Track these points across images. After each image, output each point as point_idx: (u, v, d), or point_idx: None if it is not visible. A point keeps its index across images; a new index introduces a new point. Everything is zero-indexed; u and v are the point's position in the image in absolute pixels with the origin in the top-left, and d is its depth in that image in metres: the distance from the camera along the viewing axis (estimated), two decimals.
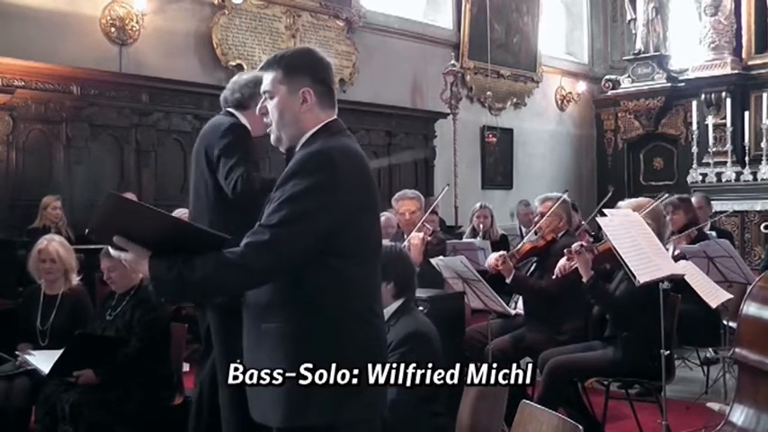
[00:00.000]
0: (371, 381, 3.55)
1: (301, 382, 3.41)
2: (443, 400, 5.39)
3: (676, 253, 8.80)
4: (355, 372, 3.47)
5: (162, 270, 3.33)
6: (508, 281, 7.99)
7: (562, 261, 7.50)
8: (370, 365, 3.55)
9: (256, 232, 3.39)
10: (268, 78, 3.68)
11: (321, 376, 3.42)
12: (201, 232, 3.41)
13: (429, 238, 8.63)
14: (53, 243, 7.51)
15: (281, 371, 3.44)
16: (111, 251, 3.49)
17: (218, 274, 3.34)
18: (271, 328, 3.49)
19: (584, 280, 7.17)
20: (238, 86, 5.88)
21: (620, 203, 7.87)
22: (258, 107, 3.73)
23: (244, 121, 5.75)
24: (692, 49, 20.10)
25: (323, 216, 3.40)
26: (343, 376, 3.44)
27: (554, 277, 7.59)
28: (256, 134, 5.77)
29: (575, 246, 7.28)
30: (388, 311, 5.12)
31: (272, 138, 3.73)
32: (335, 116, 3.72)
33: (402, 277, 5.41)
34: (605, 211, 7.61)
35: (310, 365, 3.41)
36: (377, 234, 3.75)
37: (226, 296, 3.95)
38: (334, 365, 3.43)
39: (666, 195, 9.55)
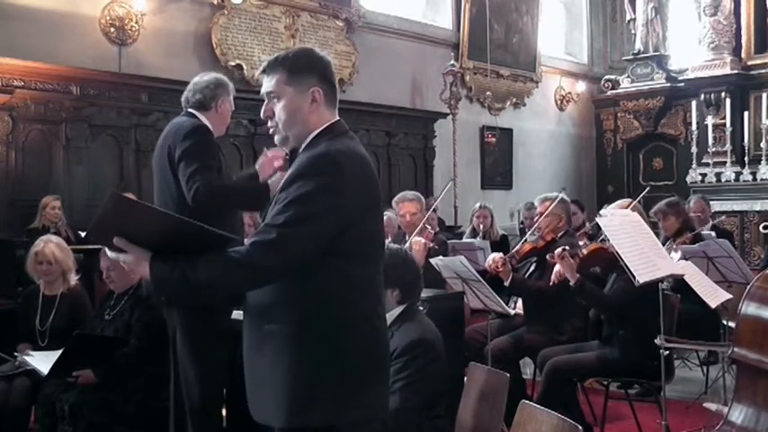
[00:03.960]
0: (373, 381, 3.58)
1: (303, 382, 3.43)
2: (445, 403, 5.38)
3: (677, 256, 8.78)
4: (357, 372, 3.50)
5: (164, 271, 3.32)
6: (506, 284, 7.99)
7: (557, 268, 7.51)
8: (372, 366, 3.58)
9: (262, 231, 3.39)
10: (272, 80, 3.68)
11: (323, 377, 3.43)
12: (205, 232, 3.38)
13: (431, 244, 8.63)
14: (50, 245, 7.51)
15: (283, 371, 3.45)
16: (110, 253, 3.47)
17: (222, 274, 3.33)
18: (273, 329, 3.49)
19: (572, 283, 7.19)
20: (199, 88, 5.87)
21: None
22: (263, 110, 3.72)
23: (204, 120, 5.76)
24: (692, 49, 20.08)
25: (327, 218, 3.40)
26: (346, 377, 3.47)
27: (551, 284, 7.61)
28: (217, 134, 5.80)
29: (557, 251, 7.29)
30: (390, 316, 5.00)
31: (278, 138, 3.73)
32: (338, 117, 3.73)
33: (408, 283, 5.32)
34: (603, 211, 7.62)
35: (313, 366, 3.43)
36: (381, 235, 3.75)
37: (228, 297, 3.94)
38: (336, 366, 3.45)
39: (648, 189, 9.55)
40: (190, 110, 5.85)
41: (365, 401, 3.54)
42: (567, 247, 7.36)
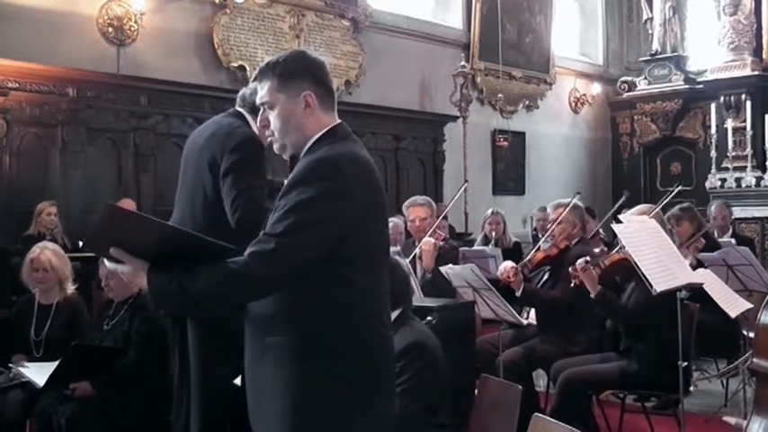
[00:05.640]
0: (379, 392, 3.58)
1: (307, 394, 3.43)
2: (448, 410, 5.39)
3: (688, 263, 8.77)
4: (363, 383, 3.49)
5: (162, 282, 3.33)
6: (518, 294, 7.98)
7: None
8: (377, 376, 3.58)
9: (261, 241, 3.38)
10: (264, 88, 3.68)
11: (327, 388, 3.43)
12: (204, 242, 3.39)
13: (441, 243, 8.64)
14: (46, 252, 7.52)
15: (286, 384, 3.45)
16: (108, 264, 3.49)
17: (221, 285, 3.34)
18: (275, 341, 3.48)
19: (592, 296, 7.17)
20: None
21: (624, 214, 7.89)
22: (258, 119, 3.74)
23: (254, 126, 5.71)
24: (711, 49, 20.06)
25: (329, 225, 3.39)
26: (351, 388, 3.46)
27: (572, 285, 7.56)
28: (263, 140, 5.76)
29: (579, 263, 7.26)
30: None
31: (276, 147, 3.74)
32: (338, 119, 3.73)
33: (397, 288, 5.29)
34: (620, 217, 7.60)
35: (316, 377, 3.43)
36: (385, 241, 3.75)
37: (227, 308, 3.94)
38: (340, 376, 3.44)
39: (676, 190, 9.50)
40: (240, 109, 5.78)
41: (370, 413, 3.54)
42: (589, 258, 7.34)
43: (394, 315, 5.24)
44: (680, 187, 10.23)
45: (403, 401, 4.89)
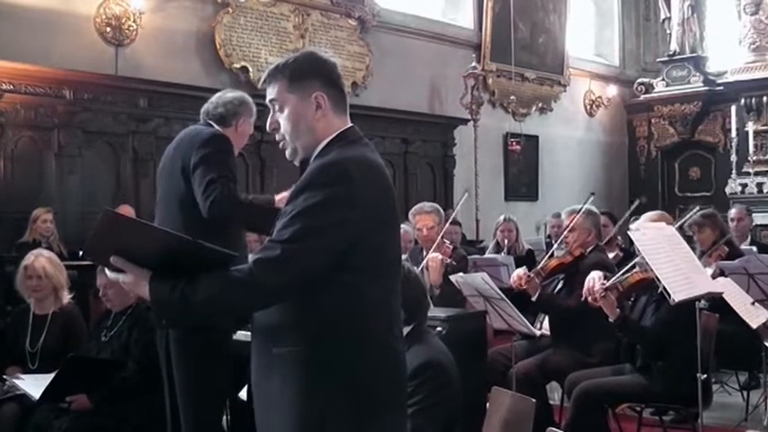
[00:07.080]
0: (389, 408, 3.57)
1: (314, 408, 3.41)
2: (460, 430, 5.37)
3: (709, 271, 8.71)
4: (372, 398, 3.47)
5: (164, 292, 3.31)
6: (534, 299, 7.94)
7: (587, 285, 7.40)
8: (388, 391, 3.56)
9: (266, 248, 3.36)
10: (274, 89, 3.66)
11: (335, 402, 3.41)
12: (206, 249, 3.37)
13: (449, 261, 8.59)
14: (40, 259, 7.51)
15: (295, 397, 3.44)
16: (108, 273, 3.47)
17: (224, 294, 3.32)
18: (283, 352, 3.45)
19: (611, 320, 7.12)
20: (222, 102, 5.88)
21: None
22: (268, 123, 3.72)
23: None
24: (731, 50, 20.05)
25: (337, 232, 3.37)
26: (359, 402, 3.44)
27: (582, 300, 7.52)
28: (237, 146, 5.84)
29: (597, 290, 7.16)
30: None
31: (288, 152, 3.71)
32: (350, 123, 3.71)
33: (413, 302, 5.25)
34: (631, 225, 7.58)
35: (324, 391, 3.41)
36: (396, 249, 3.72)
37: (232, 318, 3.94)
38: (349, 391, 3.42)
39: (698, 208, 9.47)
40: (209, 121, 5.86)
41: (380, 428, 3.51)
42: (606, 282, 7.27)
43: (407, 330, 5.21)
44: (691, 194, 10.16)
45: (416, 423, 4.86)
